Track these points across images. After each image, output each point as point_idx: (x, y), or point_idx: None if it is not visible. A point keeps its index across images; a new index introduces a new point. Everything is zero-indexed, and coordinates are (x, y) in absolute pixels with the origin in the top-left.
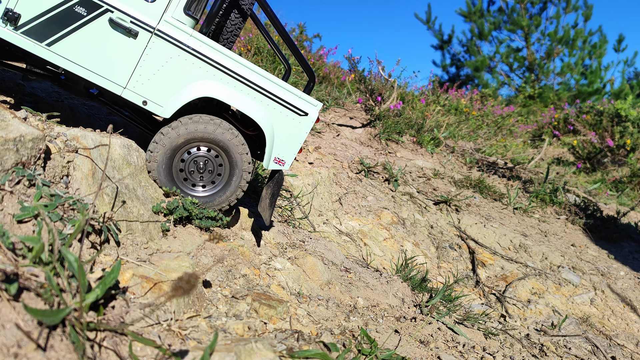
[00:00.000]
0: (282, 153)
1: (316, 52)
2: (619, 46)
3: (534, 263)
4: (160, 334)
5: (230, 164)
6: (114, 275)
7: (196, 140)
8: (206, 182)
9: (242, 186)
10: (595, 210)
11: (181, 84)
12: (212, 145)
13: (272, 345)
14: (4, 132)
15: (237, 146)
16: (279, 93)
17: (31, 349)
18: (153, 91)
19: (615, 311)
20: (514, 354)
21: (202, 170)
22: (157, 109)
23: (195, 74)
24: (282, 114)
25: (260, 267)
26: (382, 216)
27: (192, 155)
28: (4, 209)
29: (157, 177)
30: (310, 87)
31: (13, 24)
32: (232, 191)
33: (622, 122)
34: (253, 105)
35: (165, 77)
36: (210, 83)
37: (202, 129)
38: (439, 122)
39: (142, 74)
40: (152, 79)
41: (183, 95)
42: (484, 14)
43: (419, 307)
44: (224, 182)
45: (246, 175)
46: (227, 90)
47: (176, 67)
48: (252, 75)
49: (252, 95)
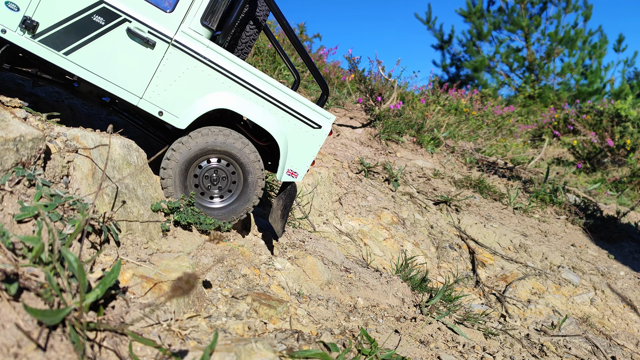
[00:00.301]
0: (295, 165)
1: (316, 52)
2: (619, 46)
3: (534, 263)
4: (160, 334)
5: (244, 172)
6: (114, 275)
7: (207, 153)
8: (223, 191)
9: (258, 193)
10: (595, 210)
11: (197, 95)
12: (223, 155)
13: (272, 345)
14: (4, 132)
15: (248, 155)
16: (294, 105)
17: (31, 349)
18: (169, 102)
19: (615, 311)
20: (514, 354)
21: (216, 182)
22: (173, 119)
23: (212, 86)
24: (296, 127)
25: (260, 267)
26: (382, 216)
27: (204, 169)
28: (4, 208)
29: (173, 192)
30: (324, 100)
31: (31, 32)
32: (249, 198)
33: (622, 122)
34: (268, 118)
35: (182, 88)
36: (226, 95)
37: (212, 141)
38: (439, 122)
39: (158, 84)
40: (169, 89)
41: (199, 107)
42: (484, 14)
43: (419, 307)
44: (240, 190)
45: (261, 182)
46: (242, 102)
47: (192, 78)
48: (267, 88)
49: (267, 107)
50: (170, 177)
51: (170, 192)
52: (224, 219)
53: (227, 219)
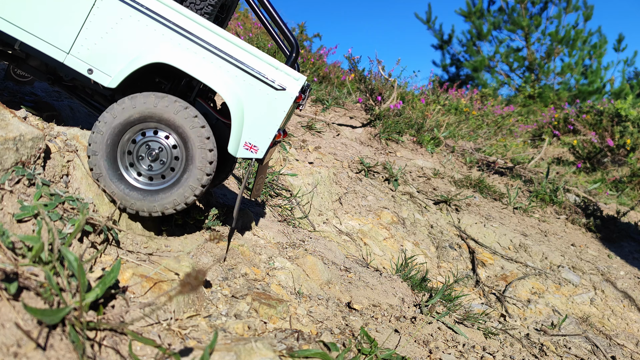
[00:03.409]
0: (254, 137)
1: (316, 52)
2: (619, 46)
3: (534, 263)
4: (160, 333)
5: (187, 151)
6: (113, 274)
7: (139, 121)
8: (155, 173)
9: (194, 188)
10: (595, 210)
11: (132, 49)
12: (158, 124)
13: (272, 344)
14: (4, 132)
15: (186, 121)
16: (249, 61)
17: (31, 348)
18: (100, 58)
19: (615, 311)
20: (514, 354)
21: (154, 160)
22: (104, 78)
23: (149, 38)
24: (253, 87)
25: (260, 266)
26: (382, 216)
27: (138, 144)
28: (3, 208)
29: (101, 174)
30: (293, 59)
31: None
32: (182, 192)
33: (622, 122)
34: (215, 74)
35: (115, 41)
36: (166, 47)
37: (141, 104)
38: (439, 122)
39: (88, 37)
40: (100, 43)
41: (133, 62)
42: (484, 14)
43: (419, 307)
44: (177, 178)
45: (206, 168)
46: (184, 56)
47: (127, 29)
48: (216, 40)
49: (216, 63)
50: (96, 154)
51: (99, 175)
52: (144, 207)
53: (147, 207)
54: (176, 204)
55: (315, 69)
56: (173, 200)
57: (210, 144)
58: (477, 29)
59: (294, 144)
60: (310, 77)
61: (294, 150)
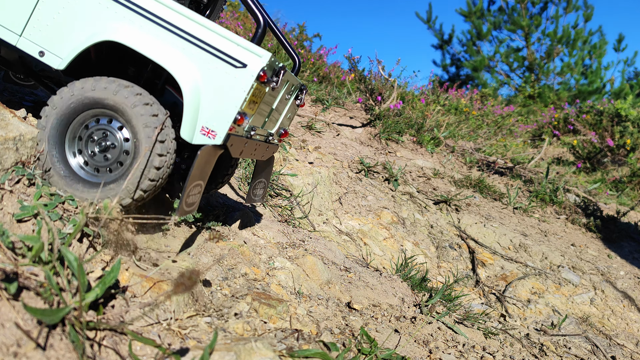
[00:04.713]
0: (211, 120)
1: (316, 52)
2: (619, 46)
3: (534, 263)
4: (159, 333)
5: (133, 134)
6: (113, 274)
7: (87, 106)
8: (99, 164)
9: (143, 185)
10: (595, 210)
11: (83, 29)
12: (105, 110)
13: (272, 344)
14: (4, 131)
15: (140, 115)
16: (205, 37)
17: (31, 348)
18: (52, 39)
19: (615, 311)
20: (514, 354)
21: (104, 150)
22: (54, 60)
23: (103, 17)
24: (209, 66)
25: (260, 266)
26: (382, 216)
27: (90, 130)
28: (3, 208)
29: (50, 166)
30: (259, 35)
31: None
32: (126, 186)
33: (622, 122)
34: (167, 51)
35: (66, 21)
36: (118, 26)
37: (88, 87)
38: (439, 122)
39: (40, 18)
40: (51, 23)
41: (83, 42)
42: (484, 14)
43: (419, 307)
44: (123, 172)
45: (155, 160)
46: (134, 33)
47: (80, 8)
48: (167, 14)
49: (167, 39)
50: (45, 141)
51: (47, 167)
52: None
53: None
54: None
55: (315, 69)
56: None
57: (164, 136)
58: (477, 28)
59: (294, 144)
60: (310, 77)
61: (294, 150)
